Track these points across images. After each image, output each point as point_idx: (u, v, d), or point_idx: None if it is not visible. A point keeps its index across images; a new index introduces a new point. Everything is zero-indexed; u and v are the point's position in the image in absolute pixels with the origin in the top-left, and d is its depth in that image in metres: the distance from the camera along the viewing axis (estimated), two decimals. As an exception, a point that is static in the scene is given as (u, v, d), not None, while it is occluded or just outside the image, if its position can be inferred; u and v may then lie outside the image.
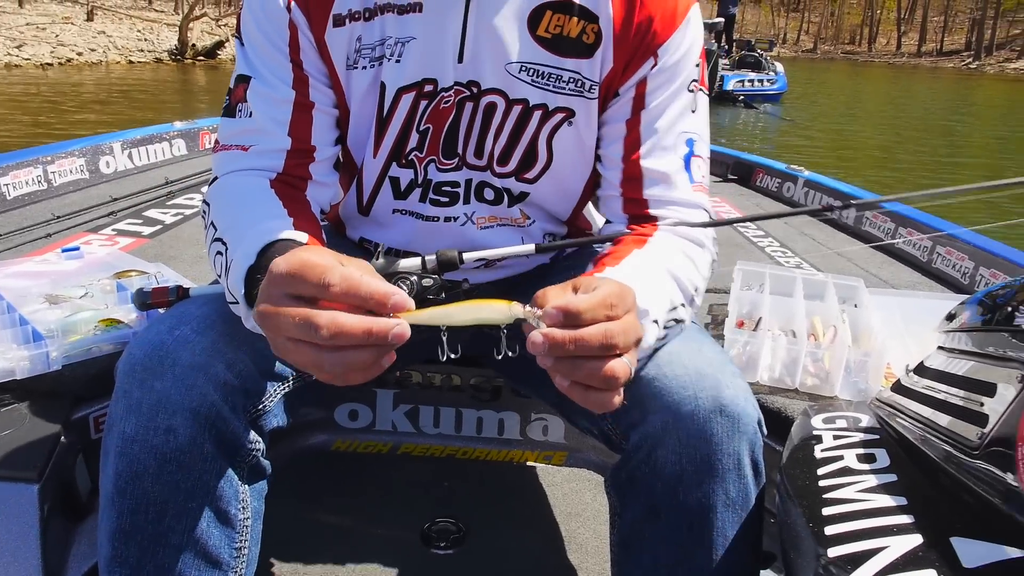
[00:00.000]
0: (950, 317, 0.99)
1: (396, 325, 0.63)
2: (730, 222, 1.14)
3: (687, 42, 1.02)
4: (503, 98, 1.01)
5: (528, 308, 0.70)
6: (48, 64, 13.26)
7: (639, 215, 1.05)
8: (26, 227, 1.96)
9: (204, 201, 0.99)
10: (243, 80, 1.00)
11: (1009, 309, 0.80)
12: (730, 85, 13.74)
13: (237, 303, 0.82)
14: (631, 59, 1.01)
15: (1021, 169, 10.05)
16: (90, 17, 17.50)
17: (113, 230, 2.07)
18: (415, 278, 0.91)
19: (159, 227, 2.12)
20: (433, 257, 0.96)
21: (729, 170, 3.31)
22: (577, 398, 0.69)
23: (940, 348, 1.01)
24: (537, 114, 1.02)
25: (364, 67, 1.00)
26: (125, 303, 1.33)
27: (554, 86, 1.01)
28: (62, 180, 2.43)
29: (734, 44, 16.47)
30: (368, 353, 0.64)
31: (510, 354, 0.74)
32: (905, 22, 47.63)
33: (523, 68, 1.00)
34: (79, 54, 14.27)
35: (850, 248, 2.24)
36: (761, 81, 14.45)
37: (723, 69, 13.98)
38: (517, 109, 1.02)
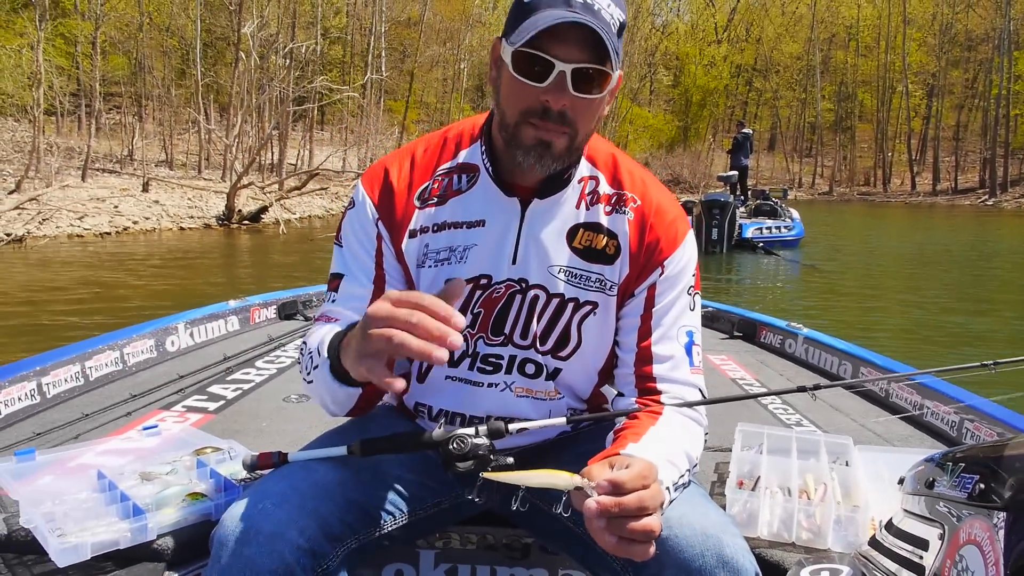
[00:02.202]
0: (901, 481, 1.18)
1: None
2: (720, 400, 1.37)
3: (686, 258, 1.32)
4: (544, 292, 1.30)
5: (585, 480, 0.97)
6: (107, 233, 14.27)
7: (647, 389, 1.30)
8: (108, 407, 2.23)
9: (303, 341, 1.28)
10: (337, 276, 1.33)
11: (932, 478, 0.99)
12: (748, 233, 14.18)
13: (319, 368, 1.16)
14: (643, 269, 1.30)
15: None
16: (145, 188, 18.87)
17: (183, 407, 2.32)
18: (471, 439, 1.15)
19: (222, 402, 2.37)
20: (484, 427, 1.20)
21: (735, 327, 3.55)
22: (622, 552, 0.94)
23: (902, 508, 1.18)
24: (570, 305, 1.31)
25: (430, 266, 1.31)
26: (205, 478, 1.55)
27: (584, 284, 1.30)
28: (135, 360, 2.73)
29: (749, 192, 17.18)
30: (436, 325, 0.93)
31: (564, 514, 1.03)
32: (917, 163, 49.13)
33: (561, 270, 1.30)
34: (135, 223, 15.34)
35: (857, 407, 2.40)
36: (779, 228, 14.89)
37: (741, 218, 14.49)
38: (555, 300, 1.31)
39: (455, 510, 1.42)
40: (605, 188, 1.31)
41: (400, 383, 0.96)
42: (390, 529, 1.30)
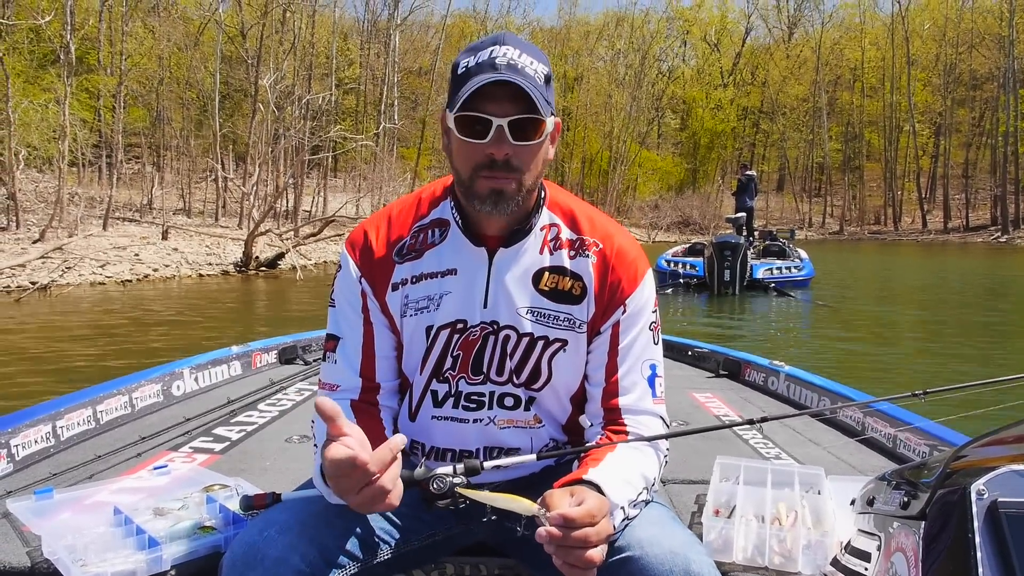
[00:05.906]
0: (852, 502, 1.26)
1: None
2: (679, 434, 1.46)
3: (645, 296, 1.44)
4: (515, 332, 1.42)
5: (541, 510, 1.13)
6: (128, 280, 14.51)
7: (613, 419, 1.42)
8: (118, 448, 2.32)
9: (312, 421, 1.41)
10: (333, 338, 1.46)
11: (873, 496, 1.08)
12: (759, 273, 14.13)
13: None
14: (607, 307, 1.42)
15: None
16: (165, 236, 19.23)
17: (190, 447, 2.40)
18: (449, 479, 1.27)
19: (227, 443, 2.46)
20: (461, 466, 1.30)
21: (720, 366, 3.62)
22: (567, 572, 1.10)
23: (855, 527, 1.27)
24: (540, 343, 1.42)
25: (412, 315, 1.43)
26: (215, 513, 1.65)
27: (552, 323, 1.42)
28: (142, 404, 2.80)
29: (756, 234, 17.21)
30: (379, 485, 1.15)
31: (524, 532, 1.20)
32: (927, 201, 49.08)
33: (529, 311, 1.41)
34: (155, 270, 15.59)
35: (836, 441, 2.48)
36: (789, 268, 14.87)
37: (751, 259, 14.46)
38: (525, 339, 1.42)
39: (448, 541, 1.52)
40: (567, 234, 1.44)
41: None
42: (386, 557, 1.39)
